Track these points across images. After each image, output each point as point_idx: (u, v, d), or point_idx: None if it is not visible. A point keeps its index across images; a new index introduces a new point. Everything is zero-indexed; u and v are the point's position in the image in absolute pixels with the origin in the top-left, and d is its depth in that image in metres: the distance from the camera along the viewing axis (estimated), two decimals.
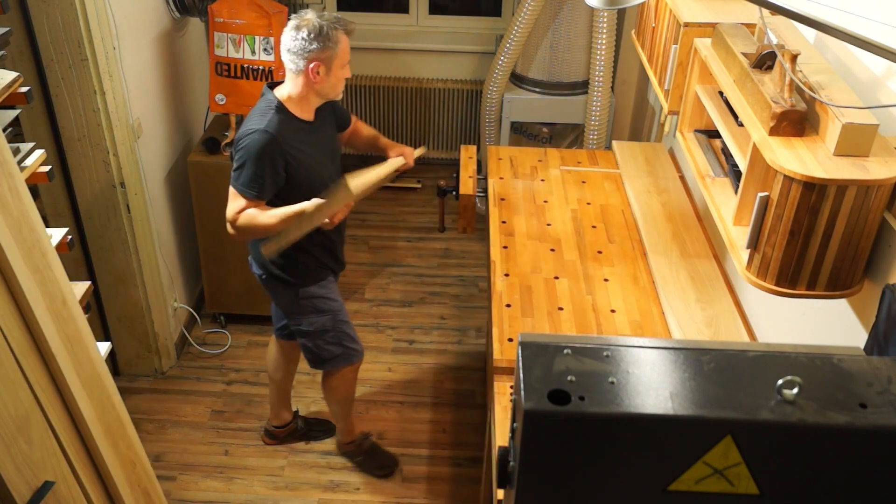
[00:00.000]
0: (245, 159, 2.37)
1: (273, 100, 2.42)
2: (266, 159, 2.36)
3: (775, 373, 1.02)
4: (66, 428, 1.61)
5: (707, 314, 2.44)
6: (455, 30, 4.62)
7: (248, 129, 2.39)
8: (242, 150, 2.37)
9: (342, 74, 2.43)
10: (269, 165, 2.37)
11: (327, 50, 2.34)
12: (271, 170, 2.38)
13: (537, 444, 1.01)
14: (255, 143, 2.35)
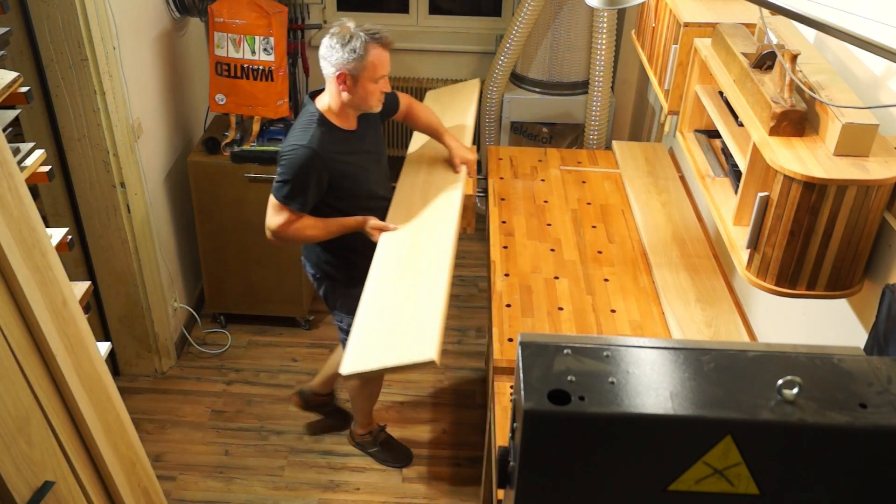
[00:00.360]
0: (288, 174, 2.40)
1: (315, 112, 2.44)
2: (309, 174, 2.40)
3: (775, 373, 1.02)
4: (66, 428, 1.61)
5: (707, 314, 2.44)
6: (455, 30, 4.62)
7: (291, 143, 2.42)
8: (286, 164, 2.40)
9: (374, 88, 2.41)
10: (313, 180, 2.41)
11: (353, 61, 2.34)
12: (314, 184, 2.42)
13: (537, 444, 1.01)
14: (297, 158, 2.38)
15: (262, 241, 3.53)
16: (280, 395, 3.43)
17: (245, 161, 3.36)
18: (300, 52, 4.19)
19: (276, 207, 2.46)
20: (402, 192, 2.71)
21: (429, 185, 2.72)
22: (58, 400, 1.60)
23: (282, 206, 2.44)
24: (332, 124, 2.45)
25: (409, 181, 2.77)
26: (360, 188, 2.56)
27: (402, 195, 2.69)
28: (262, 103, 3.33)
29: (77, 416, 1.65)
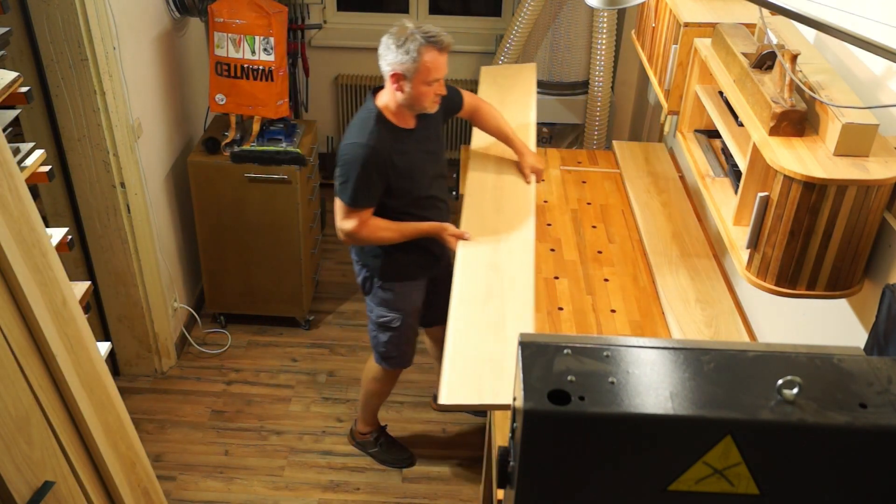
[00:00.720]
0: (349, 173, 2.39)
1: (373, 109, 2.43)
2: (369, 171, 2.39)
3: (775, 373, 1.02)
4: (66, 428, 1.61)
5: (707, 314, 2.44)
6: (455, 30, 4.62)
7: (350, 141, 2.42)
8: (345, 164, 2.40)
9: (427, 91, 2.38)
10: (374, 176, 2.41)
11: (408, 62, 2.31)
12: (377, 180, 2.42)
13: (537, 444, 1.01)
14: (357, 157, 2.37)
15: (262, 241, 3.54)
16: (280, 395, 3.43)
17: (245, 161, 3.36)
18: (300, 52, 4.19)
19: (343, 210, 2.45)
20: (472, 195, 2.68)
21: (499, 190, 2.69)
22: (58, 400, 1.60)
23: (349, 208, 2.44)
24: (389, 122, 2.43)
25: (478, 184, 2.74)
26: (415, 188, 2.54)
27: (472, 199, 2.66)
28: (262, 103, 3.33)
29: (77, 416, 1.65)
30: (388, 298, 2.67)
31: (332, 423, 3.31)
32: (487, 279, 2.31)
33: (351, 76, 4.61)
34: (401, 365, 2.86)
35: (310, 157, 3.52)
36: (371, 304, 2.73)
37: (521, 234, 2.48)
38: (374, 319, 2.74)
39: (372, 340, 2.82)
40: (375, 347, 2.81)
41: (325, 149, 4.83)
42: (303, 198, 3.47)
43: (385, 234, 2.52)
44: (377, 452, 3.14)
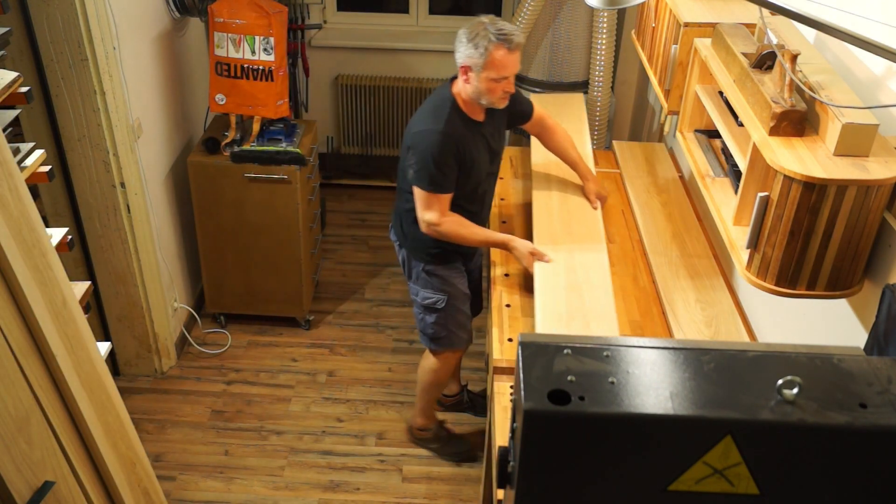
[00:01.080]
0: (426, 160, 2.43)
1: (449, 96, 2.49)
2: (446, 156, 2.43)
3: (775, 373, 1.02)
4: (66, 428, 1.61)
5: (707, 314, 2.44)
6: (455, 30, 4.59)
7: (424, 128, 2.46)
8: (421, 150, 2.44)
9: (495, 87, 2.41)
10: (451, 162, 2.44)
11: (476, 56, 2.36)
12: (452, 166, 2.46)
13: (537, 444, 1.01)
14: (433, 144, 2.42)
15: (262, 241, 3.54)
16: (280, 395, 3.43)
17: (245, 161, 3.36)
18: (300, 52, 4.19)
19: (425, 198, 2.49)
20: (540, 215, 2.72)
21: (566, 212, 2.74)
22: (58, 400, 1.60)
23: (431, 195, 2.46)
24: (461, 111, 2.48)
25: (544, 204, 2.79)
26: (471, 181, 2.57)
27: (541, 219, 2.70)
28: (262, 103, 3.33)
29: (77, 416, 1.65)
30: (432, 281, 2.71)
31: (332, 423, 3.31)
32: (568, 300, 2.34)
33: (351, 76, 4.61)
34: (450, 345, 2.84)
35: (310, 157, 3.52)
36: (415, 288, 2.76)
37: (596, 258, 2.52)
38: (419, 302, 2.77)
39: (419, 324, 2.84)
40: (423, 330, 2.84)
41: (325, 149, 4.83)
42: (303, 198, 3.47)
43: (464, 232, 2.55)
44: (438, 447, 3.14)
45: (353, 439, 3.24)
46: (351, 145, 4.87)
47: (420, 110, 2.56)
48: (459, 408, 3.30)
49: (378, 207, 4.70)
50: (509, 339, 2.39)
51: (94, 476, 1.73)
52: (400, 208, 2.70)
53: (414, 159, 2.46)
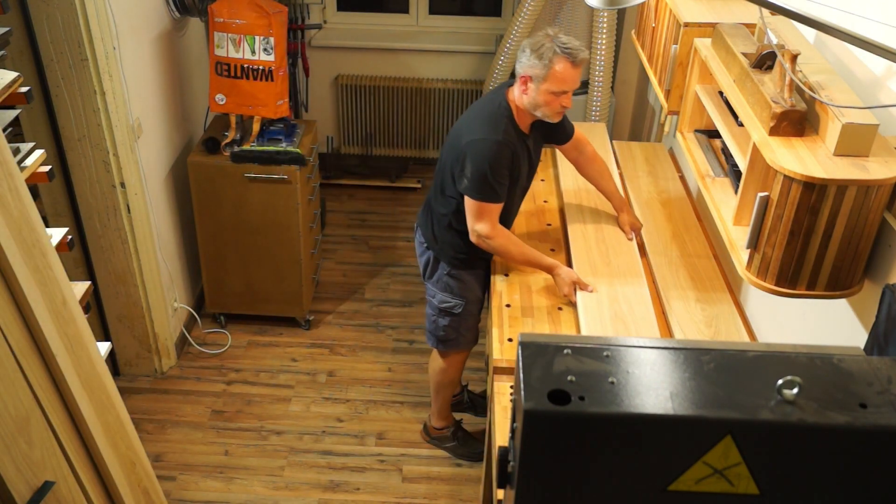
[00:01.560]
0: (485, 168, 2.39)
1: (505, 104, 2.45)
2: (503, 168, 2.41)
3: (775, 373, 1.02)
4: (66, 428, 1.61)
5: (707, 314, 2.44)
6: (455, 30, 4.62)
7: (481, 136, 2.41)
8: (480, 158, 2.39)
9: (553, 100, 2.38)
10: (506, 173, 2.43)
11: (539, 68, 2.33)
12: (506, 177, 2.43)
13: (537, 444, 1.01)
14: (492, 153, 2.38)
15: (262, 241, 3.54)
16: (280, 395, 3.43)
17: (245, 161, 3.36)
18: (300, 52, 4.19)
19: (478, 209, 2.45)
20: (578, 245, 2.72)
21: (603, 243, 2.74)
22: (58, 400, 1.60)
23: (484, 204, 2.43)
24: (514, 121, 2.46)
25: (581, 234, 2.79)
26: (510, 194, 2.54)
27: (579, 248, 2.70)
28: (262, 103, 3.33)
29: (77, 416, 1.65)
30: (453, 285, 2.70)
31: (332, 423, 3.31)
32: (615, 327, 2.34)
33: (351, 76, 4.61)
34: (457, 346, 2.85)
35: (310, 157, 3.52)
36: (433, 289, 2.75)
37: (638, 291, 2.50)
38: (435, 304, 2.76)
39: (430, 325, 2.83)
40: (433, 332, 2.83)
41: (325, 149, 4.83)
42: (303, 198, 3.47)
43: (513, 249, 2.53)
44: (454, 447, 3.15)
45: (353, 439, 3.24)
46: (351, 145, 4.87)
47: (473, 115, 2.50)
48: (460, 408, 3.30)
49: (378, 207, 4.71)
50: (509, 339, 2.39)
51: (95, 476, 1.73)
52: (436, 211, 2.66)
53: (470, 168, 2.41)
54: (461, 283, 2.70)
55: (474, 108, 2.54)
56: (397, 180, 4.83)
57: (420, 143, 4.87)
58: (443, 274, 2.70)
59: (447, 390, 3.04)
